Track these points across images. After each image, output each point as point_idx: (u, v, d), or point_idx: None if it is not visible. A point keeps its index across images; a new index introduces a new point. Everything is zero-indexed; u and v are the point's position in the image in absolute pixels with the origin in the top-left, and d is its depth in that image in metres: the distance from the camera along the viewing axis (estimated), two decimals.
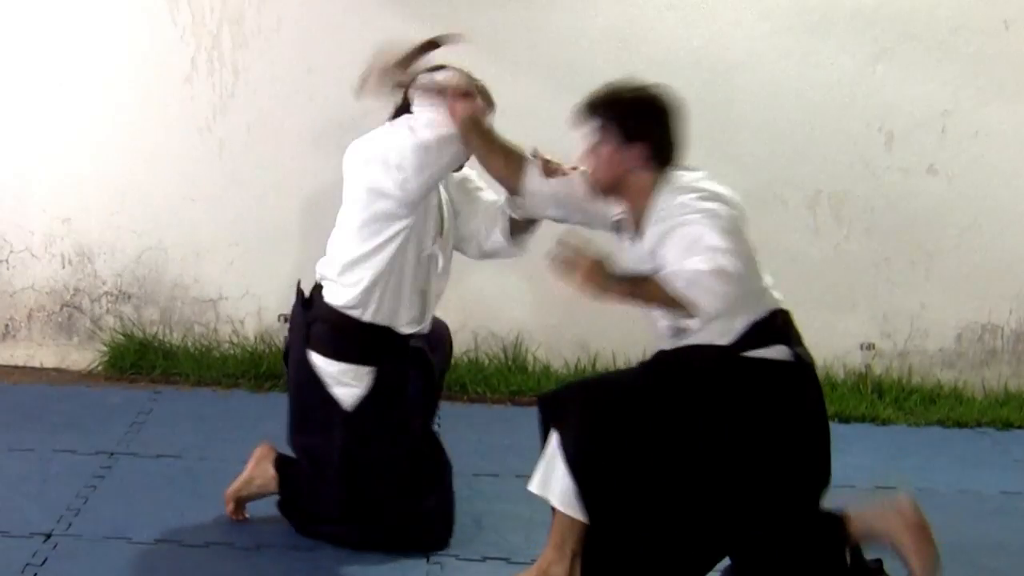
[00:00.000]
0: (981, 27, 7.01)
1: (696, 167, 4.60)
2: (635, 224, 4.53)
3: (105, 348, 7.19)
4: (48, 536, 4.89)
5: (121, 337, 7.20)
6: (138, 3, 6.95)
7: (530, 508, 5.27)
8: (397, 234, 4.86)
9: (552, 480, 4.47)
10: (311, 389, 4.96)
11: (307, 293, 5.10)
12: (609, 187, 4.58)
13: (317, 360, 4.93)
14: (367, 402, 4.89)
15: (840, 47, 6.99)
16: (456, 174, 5.20)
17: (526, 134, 6.91)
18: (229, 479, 5.14)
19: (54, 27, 6.93)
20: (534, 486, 4.54)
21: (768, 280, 4.58)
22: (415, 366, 5.04)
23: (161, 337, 7.23)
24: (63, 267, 7.20)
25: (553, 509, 4.53)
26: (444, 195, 5.16)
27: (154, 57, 7.00)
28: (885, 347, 7.33)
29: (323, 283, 5.03)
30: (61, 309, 7.25)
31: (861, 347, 7.29)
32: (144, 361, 7.11)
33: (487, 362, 7.21)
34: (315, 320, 4.98)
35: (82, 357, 7.22)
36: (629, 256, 4.52)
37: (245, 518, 5.12)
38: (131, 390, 6.86)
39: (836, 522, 4.51)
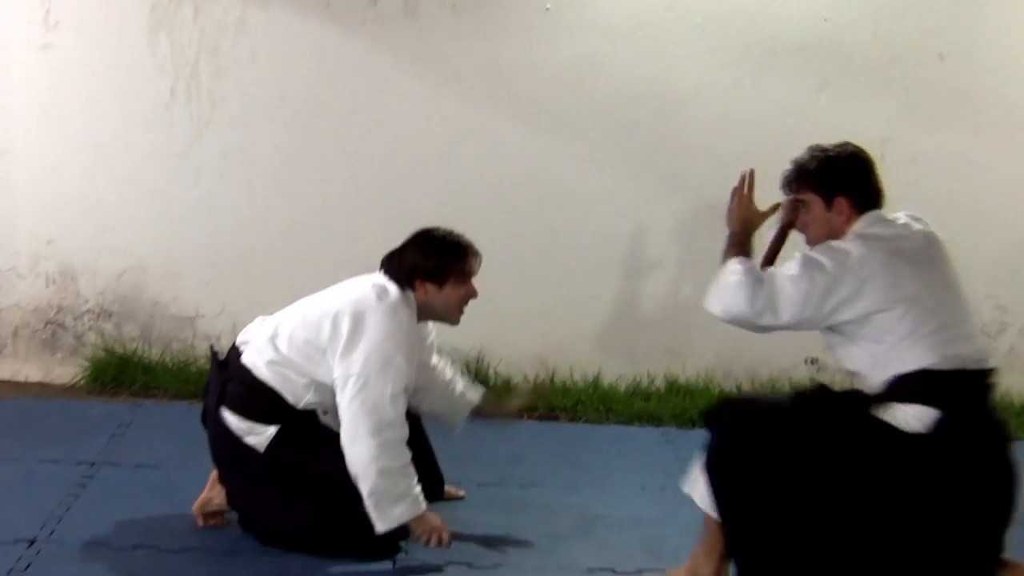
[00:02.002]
0: (917, 60, 7.05)
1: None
2: None
3: (87, 363, 7.16)
4: (32, 542, 4.86)
5: (103, 353, 7.17)
6: (120, 35, 6.93)
7: (490, 515, 5.29)
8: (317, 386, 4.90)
9: (698, 481, 4.47)
10: (226, 442, 4.96)
11: (224, 354, 5.13)
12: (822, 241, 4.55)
13: (228, 417, 4.92)
14: (277, 440, 4.88)
15: (785, 78, 7.02)
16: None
17: (488, 159, 6.96)
18: (204, 488, 5.12)
19: (41, 58, 6.91)
20: (686, 486, 4.55)
21: (945, 335, 4.28)
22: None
23: (141, 353, 7.20)
24: (47, 286, 7.17)
25: (705, 515, 4.53)
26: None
27: (134, 86, 6.98)
28: (829, 361, 7.33)
29: (245, 348, 5.03)
30: (45, 326, 7.22)
31: (806, 361, 7.32)
32: (124, 376, 7.08)
33: None
34: (231, 379, 4.97)
35: (65, 372, 7.19)
36: None
37: (222, 524, 5.10)
38: (112, 403, 6.82)
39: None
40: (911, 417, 4.16)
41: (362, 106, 6.91)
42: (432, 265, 4.92)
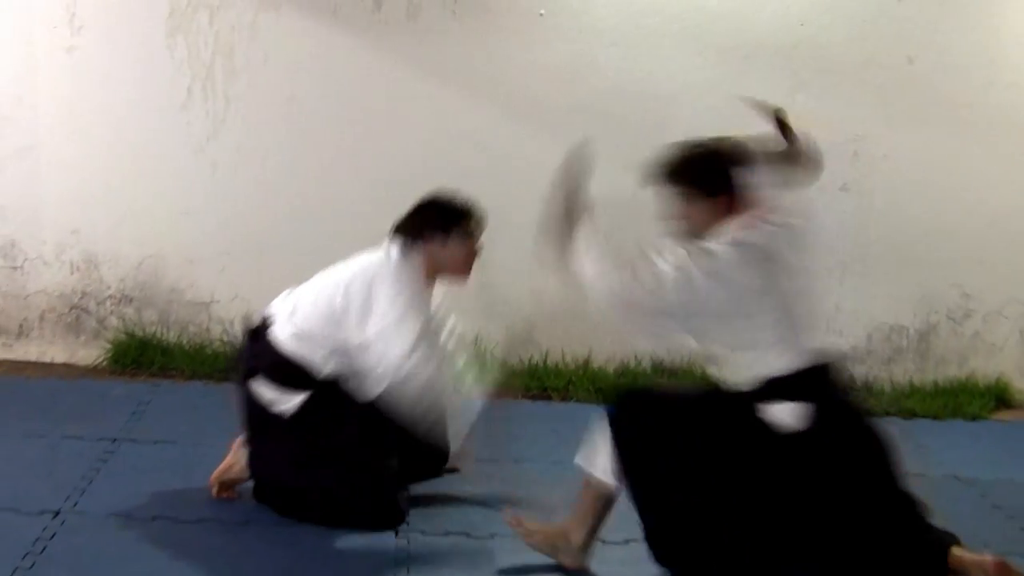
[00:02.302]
0: (888, 62, 7.09)
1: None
2: None
3: (109, 346, 7.18)
4: (57, 513, 4.87)
5: (123, 336, 7.19)
6: (140, 38, 6.96)
7: (487, 488, 5.32)
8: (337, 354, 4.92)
9: (595, 456, 4.51)
10: (255, 410, 4.98)
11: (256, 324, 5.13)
12: (703, 233, 4.51)
13: (258, 387, 4.94)
14: (304, 407, 4.91)
15: (763, 79, 7.03)
16: None
17: (488, 155, 6.98)
18: (219, 463, 5.15)
19: (66, 60, 6.93)
20: (579, 458, 4.59)
21: (812, 335, 4.33)
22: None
23: (159, 336, 7.22)
24: (72, 273, 7.19)
25: (584, 483, 4.56)
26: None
27: (153, 86, 7.00)
28: None
29: (274, 322, 5.03)
30: (70, 311, 7.24)
31: None
32: (144, 357, 7.11)
33: None
34: (260, 352, 4.98)
35: (88, 354, 7.22)
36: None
37: (234, 497, 5.13)
38: (132, 383, 6.85)
39: (942, 548, 4.37)
40: (786, 414, 4.18)
41: (367, 105, 6.93)
42: (437, 222, 4.99)
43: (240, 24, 6.95)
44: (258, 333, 5.05)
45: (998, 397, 7.36)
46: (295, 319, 4.96)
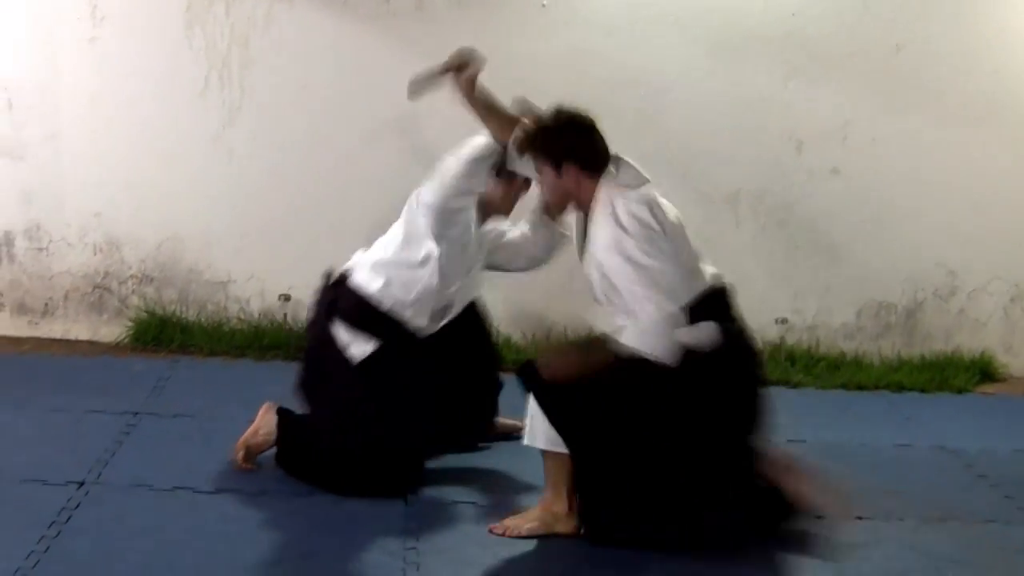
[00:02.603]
0: (876, 50, 7.05)
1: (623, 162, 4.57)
2: (584, 221, 4.53)
3: (130, 324, 7.16)
4: (81, 484, 4.87)
5: (144, 314, 7.17)
6: (159, 29, 6.93)
7: (495, 461, 5.31)
8: (426, 260, 4.95)
9: (536, 430, 4.50)
10: (325, 351, 5.03)
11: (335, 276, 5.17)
12: (562, 205, 4.61)
13: (337, 328, 4.97)
14: (372, 358, 4.93)
15: (756, 68, 7.02)
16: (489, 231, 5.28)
17: None
18: (236, 436, 5.13)
19: (88, 50, 6.90)
20: (525, 439, 4.60)
21: (701, 263, 4.54)
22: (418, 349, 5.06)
23: (179, 314, 7.20)
24: (94, 254, 7.17)
25: (543, 456, 4.56)
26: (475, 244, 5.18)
27: (172, 76, 6.98)
28: (796, 322, 7.35)
29: (352, 272, 5.06)
30: (93, 290, 7.21)
31: (776, 321, 7.32)
32: (164, 335, 7.10)
33: None
34: (341, 296, 5.03)
35: (111, 331, 7.20)
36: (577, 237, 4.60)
37: (252, 467, 5.10)
38: (153, 360, 6.83)
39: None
40: (701, 333, 4.36)
41: (376, 92, 6.87)
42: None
43: (255, 15, 6.91)
44: (339, 282, 5.09)
45: (982, 371, 7.33)
46: (376, 263, 5.02)
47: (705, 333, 4.39)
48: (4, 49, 6.95)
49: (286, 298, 7.15)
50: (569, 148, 4.51)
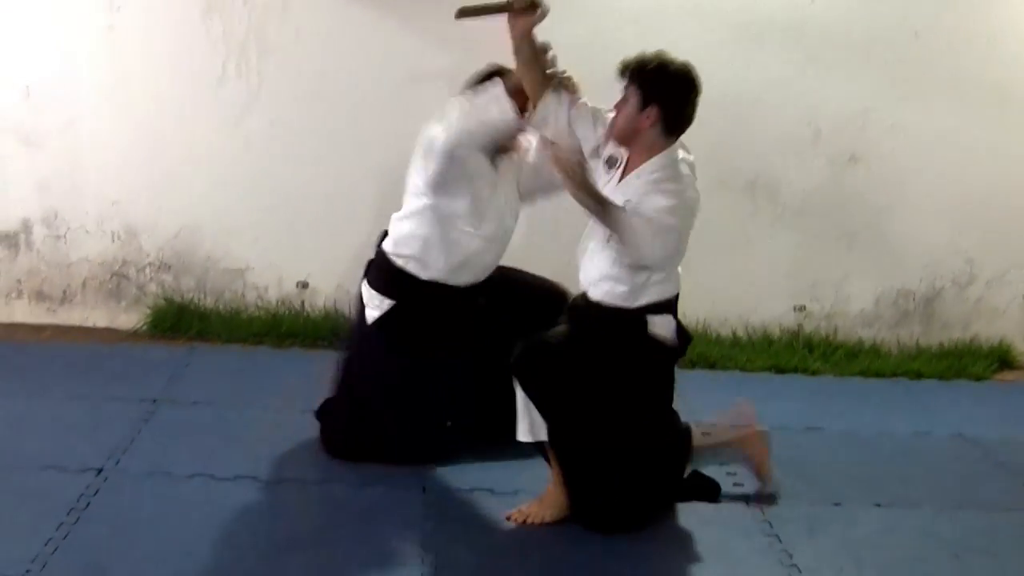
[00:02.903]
0: (895, 37, 7.01)
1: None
2: (624, 170, 4.55)
3: (148, 311, 7.17)
4: (100, 470, 4.90)
5: (162, 302, 7.17)
6: (177, 17, 6.91)
7: (507, 449, 5.30)
8: (423, 209, 5.02)
9: (535, 425, 4.52)
10: (359, 310, 5.17)
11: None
12: (624, 137, 4.65)
13: (363, 288, 5.13)
14: (387, 316, 5.01)
15: (775, 55, 6.99)
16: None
17: None
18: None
19: (106, 38, 6.90)
20: (521, 435, 4.60)
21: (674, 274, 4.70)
22: (440, 309, 5.08)
23: (196, 302, 7.21)
24: (113, 242, 7.17)
25: (547, 448, 4.59)
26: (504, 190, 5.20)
27: (190, 64, 6.96)
28: (814, 309, 7.34)
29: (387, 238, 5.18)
30: (111, 278, 7.22)
31: (794, 309, 7.31)
32: (182, 323, 7.09)
33: None
34: (375, 257, 5.16)
35: (129, 319, 7.21)
36: (603, 188, 4.60)
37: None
38: (171, 347, 6.84)
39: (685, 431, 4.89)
40: (663, 326, 4.61)
41: (394, 80, 6.87)
42: None
43: (273, 3, 6.89)
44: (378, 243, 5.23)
45: (1001, 359, 7.32)
46: (401, 219, 5.13)
47: (670, 329, 4.64)
48: (22, 38, 6.94)
49: (304, 285, 7.15)
50: (666, 95, 4.59)
